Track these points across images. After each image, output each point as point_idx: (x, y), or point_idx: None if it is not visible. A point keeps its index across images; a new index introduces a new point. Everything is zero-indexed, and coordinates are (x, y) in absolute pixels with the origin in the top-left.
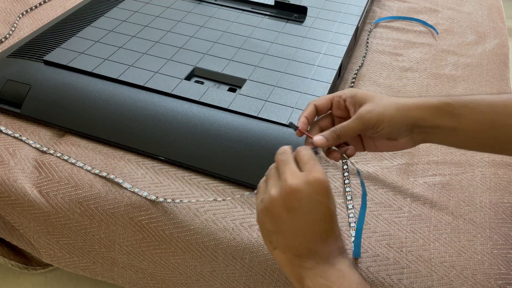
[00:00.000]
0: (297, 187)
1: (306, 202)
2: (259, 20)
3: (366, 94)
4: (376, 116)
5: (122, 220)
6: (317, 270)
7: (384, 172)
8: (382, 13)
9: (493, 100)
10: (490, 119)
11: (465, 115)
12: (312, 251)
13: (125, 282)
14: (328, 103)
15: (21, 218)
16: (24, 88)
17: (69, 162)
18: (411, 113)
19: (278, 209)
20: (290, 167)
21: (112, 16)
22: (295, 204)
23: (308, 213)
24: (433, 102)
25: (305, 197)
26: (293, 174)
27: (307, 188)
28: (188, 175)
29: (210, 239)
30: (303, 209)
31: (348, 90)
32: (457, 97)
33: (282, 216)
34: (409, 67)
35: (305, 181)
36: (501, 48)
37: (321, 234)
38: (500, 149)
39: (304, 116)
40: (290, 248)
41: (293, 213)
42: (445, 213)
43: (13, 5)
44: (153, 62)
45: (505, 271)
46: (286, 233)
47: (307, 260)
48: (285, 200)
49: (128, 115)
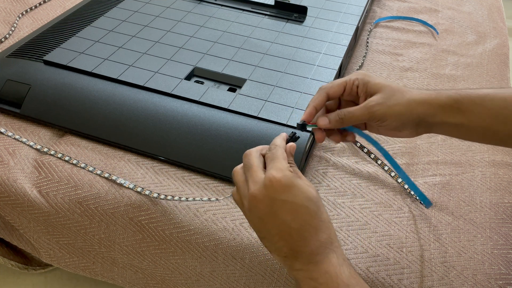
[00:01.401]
0: (256, 194)
1: (269, 206)
2: (259, 20)
3: (378, 84)
4: (384, 110)
5: (122, 220)
6: (306, 272)
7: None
8: (382, 13)
9: (499, 95)
10: (495, 114)
11: (472, 111)
12: (295, 251)
13: (125, 282)
14: (341, 90)
15: (21, 218)
16: (24, 88)
17: (70, 163)
18: (420, 110)
19: (252, 218)
20: (251, 174)
21: (112, 16)
22: (261, 211)
23: (273, 215)
24: (442, 99)
25: (266, 201)
26: (254, 181)
27: (265, 191)
28: (188, 175)
29: (210, 239)
30: (269, 214)
31: (361, 76)
32: (465, 92)
33: (257, 223)
34: (409, 67)
35: (263, 185)
36: (501, 48)
37: (296, 232)
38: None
39: (313, 105)
40: (277, 251)
41: (263, 220)
42: (445, 213)
43: (13, 5)
44: (153, 62)
45: (505, 271)
46: (268, 238)
47: (294, 262)
48: (252, 209)
49: (128, 115)
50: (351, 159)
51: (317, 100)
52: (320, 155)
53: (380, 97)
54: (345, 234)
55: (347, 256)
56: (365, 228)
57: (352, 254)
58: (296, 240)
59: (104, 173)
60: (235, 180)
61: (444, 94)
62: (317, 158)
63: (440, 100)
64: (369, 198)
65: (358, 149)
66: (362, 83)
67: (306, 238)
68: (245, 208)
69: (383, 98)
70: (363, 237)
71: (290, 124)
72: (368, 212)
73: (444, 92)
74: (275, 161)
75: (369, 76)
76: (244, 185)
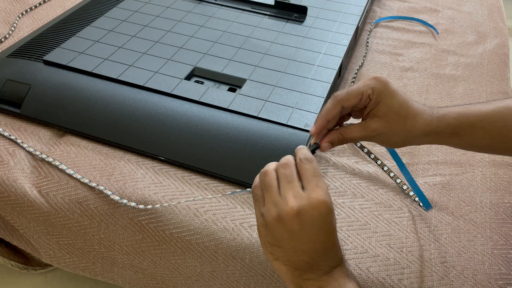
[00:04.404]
0: (299, 210)
1: (310, 225)
2: (259, 20)
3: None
4: (382, 139)
5: (122, 220)
6: (316, 281)
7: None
8: (382, 13)
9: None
10: (494, 134)
11: (471, 135)
12: (313, 266)
13: (125, 282)
14: (357, 101)
15: (21, 218)
16: (24, 88)
17: (66, 173)
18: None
19: (279, 229)
20: (293, 187)
21: (112, 16)
22: (297, 226)
23: (311, 234)
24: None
25: (308, 220)
26: (296, 196)
27: (310, 211)
28: (188, 175)
29: (210, 239)
30: (306, 231)
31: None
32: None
33: (283, 235)
34: (409, 67)
35: (308, 203)
36: (501, 48)
37: (322, 251)
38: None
39: (326, 119)
40: (291, 263)
41: (295, 234)
42: (445, 213)
43: (13, 5)
44: (153, 62)
45: (505, 271)
46: (288, 250)
47: (307, 273)
48: (287, 222)
49: (128, 115)
50: (351, 159)
51: (331, 114)
52: (320, 155)
53: (381, 125)
54: (345, 234)
55: (347, 256)
56: (365, 228)
57: (352, 254)
58: (319, 257)
59: (99, 186)
60: (264, 181)
61: (444, 123)
62: (317, 158)
63: (439, 130)
64: (369, 198)
65: (358, 149)
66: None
67: (329, 255)
68: (269, 213)
69: (384, 127)
70: (363, 237)
71: (290, 124)
72: (368, 212)
73: (444, 119)
74: (318, 179)
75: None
76: (277, 191)
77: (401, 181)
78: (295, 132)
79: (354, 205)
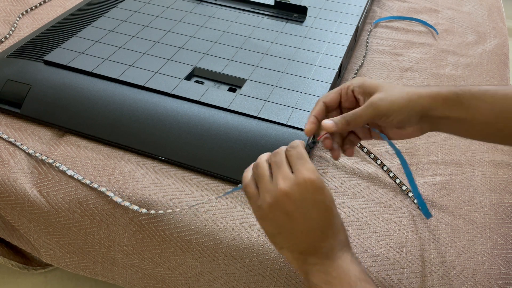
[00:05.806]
0: (288, 191)
1: (300, 203)
2: (259, 20)
3: (375, 83)
4: (388, 104)
5: (122, 220)
6: (319, 266)
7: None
8: (382, 13)
9: (500, 91)
10: (497, 110)
11: (473, 106)
12: (314, 247)
13: (125, 282)
14: (337, 97)
15: (21, 218)
16: (24, 88)
17: (67, 175)
18: (422, 102)
19: (275, 213)
20: (282, 171)
21: (112, 16)
22: (290, 207)
23: (304, 213)
24: (443, 93)
25: (298, 198)
26: (285, 178)
27: (298, 189)
28: (188, 175)
29: (210, 239)
30: (298, 210)
31: (355, 80)
32: (466, 88)
33: (280, 219)
34: (409, 67)
35: (295, 183)
36: (501, 48)
37: (320, 230)
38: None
39: (313, 115)
40: (294, 246)
41: (290, 216)
42: (445, 213)
43: (13, 5)
44: (153, 62)
45: (505, 271)
46: (287, 234)
47: (310, 257)
48: (281, 204)
49: (128, 115)
50: (350, 159)
51: (316, 110)
52: (320, 155)
53: (382, 94)
54: None
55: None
56: (365, 228)
57: None
58: (318, 237)
59: (101, 187)
60: (257, 172)
61: (446, 88)
62: (317, 158)
63: (442, 93)
64: (369, 198)
65: (358, 149)
66: (357, 85)
67: (328, 236)
68: (264, 202)
69: (385, 94)
70: (363, 237)
71: (290, 124)
72: (368, 212)
73: (445, 87)
74: (304, 161)
75: (363, 79)
76: (269, 179)
77: (400, 181)
78: (295, 132)
79: (354, 205)
